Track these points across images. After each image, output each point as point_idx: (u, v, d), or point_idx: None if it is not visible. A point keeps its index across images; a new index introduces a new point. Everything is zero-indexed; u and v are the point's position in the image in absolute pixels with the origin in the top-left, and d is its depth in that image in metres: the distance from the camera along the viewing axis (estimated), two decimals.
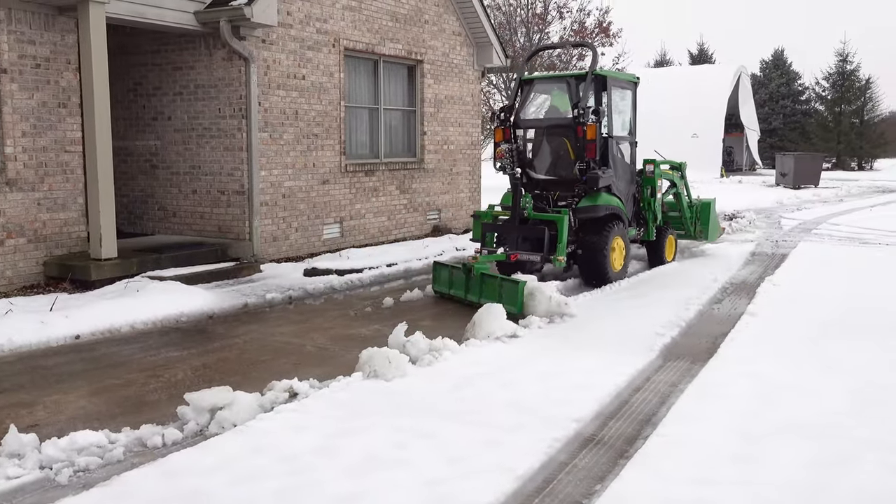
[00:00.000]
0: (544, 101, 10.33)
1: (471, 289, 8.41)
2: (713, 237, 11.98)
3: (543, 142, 9.83)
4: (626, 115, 10.30)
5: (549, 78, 10.91)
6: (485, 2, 17.54)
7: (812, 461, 4.09)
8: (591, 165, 9.16)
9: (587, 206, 9.24)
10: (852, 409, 4.87)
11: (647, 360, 6.05)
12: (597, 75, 9.55)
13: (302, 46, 10.79)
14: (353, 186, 11.85)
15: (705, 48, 59.31)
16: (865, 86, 51.58)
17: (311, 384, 5.35)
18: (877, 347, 6.31)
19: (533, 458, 4.12)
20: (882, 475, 3.92)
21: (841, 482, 3.84)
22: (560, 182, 9.57)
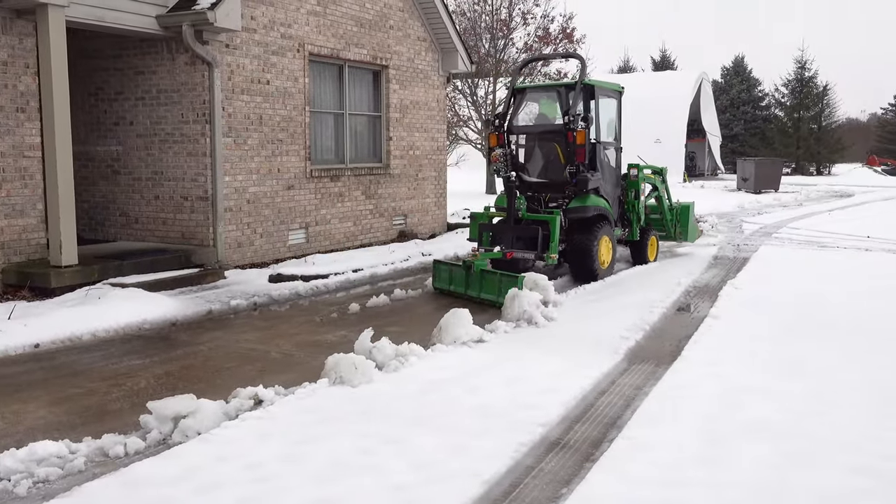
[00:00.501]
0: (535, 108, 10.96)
1: (471, 284, 8.90)
2: (692, 238, 12.58)
3: (535, 147, 10.48)
4: (612, 122, 10.93)
5: (540, 87, 11.48)
6: (450, 7, 17.59)
7: (775, 461, 4.15)
8: (581, 169, 9.76)
9: (577, 207, 9.81)
10: (814, 410, 4.95)
11: (613, 364, 6.10)
12: (585, 84, 10.10)
13: (266, 51, 10.72)
14: (318, 192, 11.79)
15: (668, 55, 60.08)
16: (823, 92, 52.64)
17: (276, 391, 5.31)
18: (836, 348, 6.42)
19: (499, 463, 4.13)
20: (843, 475, 3.99)
21: (803, 482, 3.90)
22: (551, 184, 10.20)
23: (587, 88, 10.20)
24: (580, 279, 9.78)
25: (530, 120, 10.97)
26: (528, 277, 8.14)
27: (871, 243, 13.91)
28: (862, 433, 4.54)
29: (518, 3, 26.91)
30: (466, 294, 8.92)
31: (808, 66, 53.30)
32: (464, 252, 12.00)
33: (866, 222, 17.93)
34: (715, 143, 45.02)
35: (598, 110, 10.36)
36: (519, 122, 10.68)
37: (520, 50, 27.26)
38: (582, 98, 10.06)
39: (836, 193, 31.03)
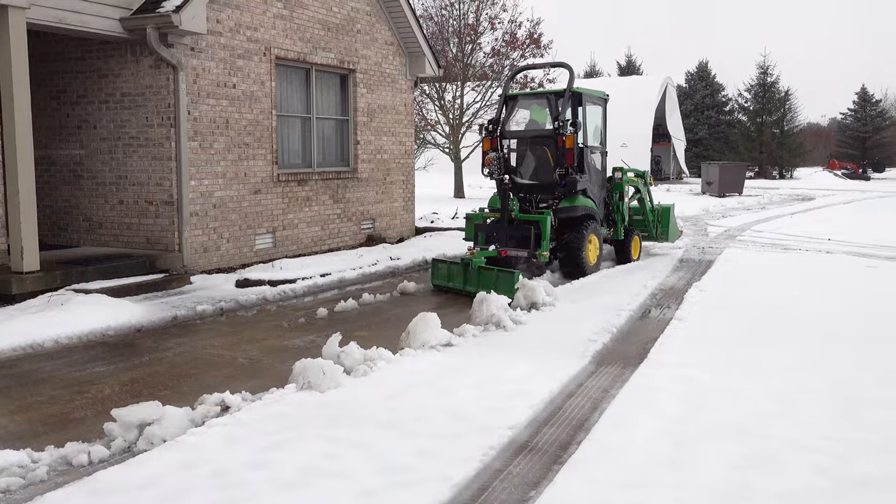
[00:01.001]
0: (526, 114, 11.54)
1: (469, 280, 9.51)
2: (672, 238, 13.16)
3: (527, 150, 11.09)
4: (597, 128, 11.63)
5: (531, 94, 12.11)
6: (417, 12, 17.61)
7: (739, 462, 4.21)
8: (570, 171, 10.37)
9: (566, 208, 10.45)
10: (776, 411, 5.03)
11: (580, 366, 6.14)
12: (573, 92, 10.71)
13: (232, 55, 10.65)
14: (285, 196, 11.73)
15: (633, 60, 60.72)
16: (785, 97, 53.55)
17: (243, 397, 5.27)
18: (798, 349, 6.53)
19: (468, 466, 4.14)
20: (805, 474, 4.06)
21: (766, 482, 3.96)
22: (541, 186, 10.81)
23: (575, 96, 10.79)
24: (569, 275, 10.40)
25: (522, 125, 11.49)
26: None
27: (833, 246, 14.16)
28: (823, 434, 4.62)
29: (485, 8, 27.02)
30: (465, 290, 9.44)
31: (771, 72, 54.24)
32: (431, 255, 12.04)
33: (827, 225, 18.26)
34: (680, 147, 45.54)
35: (586, 116, 11.02)
36: (511, 128, 11.27)
37: (487, 55, 27.36)
38: (570, 105, 10.65)
39: (798, 197, 31.55)
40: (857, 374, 5.85)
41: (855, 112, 62.45)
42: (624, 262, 11.91)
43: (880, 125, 61.42)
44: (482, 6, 26.97)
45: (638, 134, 38.71)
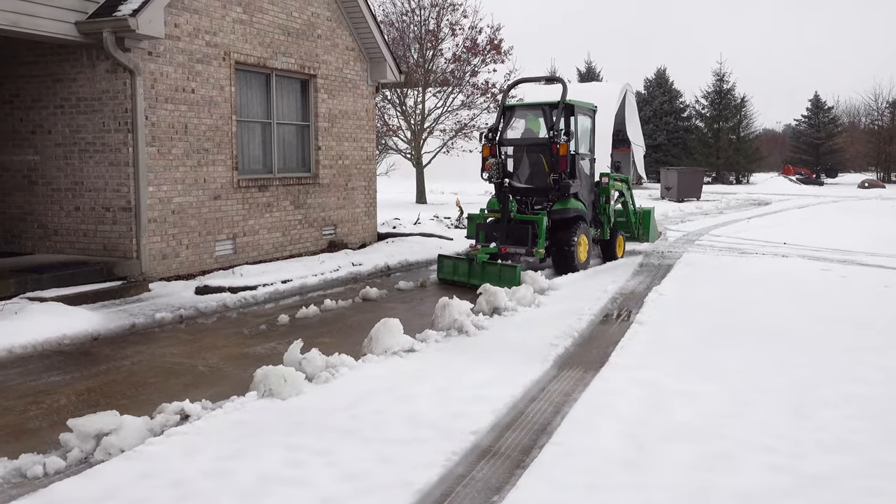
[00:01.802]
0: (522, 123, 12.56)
1: (473, 274, 10.49)
2: (653, 239, 14.22)
3: (523, 157, 11.97)
4: (587, 137, 12.55)
5: (527, 105, 12.99)
6: (378, 18, 17.60)
7: (697, 463, 4.27)
8: (563, 176, 11.30)
9: (559, 209, 11.34)
10: (734, 411, 5.12)
11: (542, 371, 6.18)
12: (566, 104, 11.63)
13: (191, 59, 10.53)
14: (245, 202, 11.62)
15: (593, 66, 61.32)
16: (741, 104, 54.54)
17: (203, 405, 5.21)
18: (755, 351, 6.65)
19: (431, 472, 4.14)
20: (761, 474, 4.13)
21: (724, 482, 4.03)
22: (536, 190, 11.73)
23: (568, 107, 11.71)
24: (561, 271, 11.23)
25: (518, 133, 12.49)
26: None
27: (788, 249, 14.43)
28: (779, 433, 4.71)
29: (446, 14, 27.09)
30: (469, 283, 10.34)
31: (727, 79, 55.19)
32: (394, 262, 12.06)
33: (783, 229, 18.62)
34: (639, 152, 46.07)
35: (577, 126, 11.94)
36: (508, 136, 12.21)
37: (448, 61, 27.43)
38: (563, 115, 11.59)
39: (754, 201, 32.11)
40: (810, 373, 5.97)
41: (808, 119, 63.75)
42: (610, 260, 12.84)
43: (832, 131, 62.80)
44: (443, 12, 27.05)
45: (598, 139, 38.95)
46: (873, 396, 5.43)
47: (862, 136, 63.52)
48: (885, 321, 7.98)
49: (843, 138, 63.68)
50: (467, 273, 10.62)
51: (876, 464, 4.26)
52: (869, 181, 48.43)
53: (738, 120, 54.56)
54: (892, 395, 5.46)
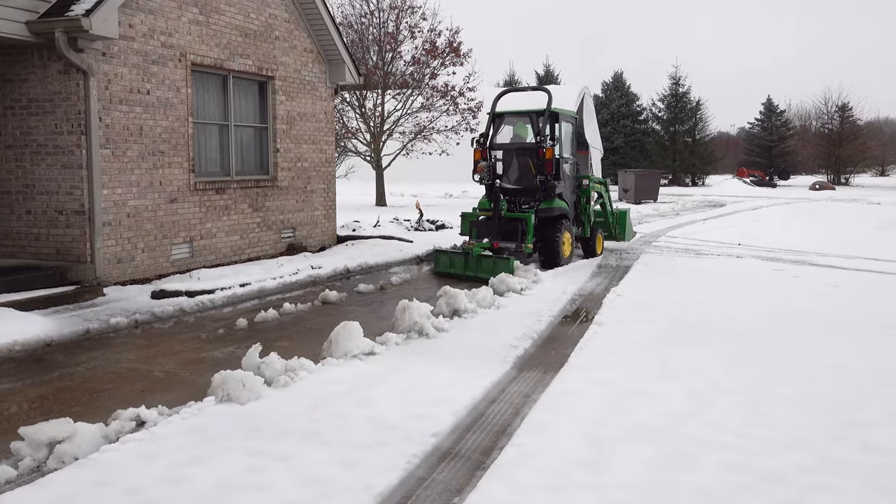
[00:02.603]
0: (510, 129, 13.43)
1: (469, 267, 11.41)
2: (628, 238, 15.13)
3: (512, 160, 12.88)
4: (569, 142, 13.47)
5: (516, 113, 13.52)
6: (336, 20, 17.52)
7: (655, 462, 4.32)
8: (549, 178, 12.22)
9: (545, 208, 12.27)
10: (691, 411, 5.19)
11: (502, 372, 6.21)
12: (552, 112, 12.52)
13: (146, 60, 10.38)
14: (203, 205, 11.49)
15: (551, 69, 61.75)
16: (696, 107, 55.39)
17: (159, 411, 5.14)
18: (711, 351, 6.76)
19: (392, 475, 4.13)
20: (718, 472, 4.20)
21: (682, 481, 4.08)
22: (524, 190, 12.64)
23: (553, 115, 12.63)
24: (547, 265, 12.11)
25: (507, 139, 13.38)
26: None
27: (742, 250, 14.69)
28: (735, 432, 4.80)
29: (405, 16, 27.08)
30: (465, 274, 11.34)
31: (682, 83, 56.01)
32: (353, 265, 12.04)
33: (737, 230, 18.95)
34: (597, 155, 46.44)
35: (561, 132, 12.89)
36: (498, 141, 13.09)
37: (407, 63, 27.42)
38: (549, 122, 12.50)
39: (709, 203, 32.61)
40: (765, 372, 6.09)
41: (761, 122, 64.97)
42: (590, 256, 13.75)
43: (785, 134, 64.09)
44: (402, 15, 27.03)
45: None
46: (825, 394, 5.56)
47: (813, 139, 64.94)
48: (836, 320, 8.17)
49: (795, 141, 65.06)
50: (463, 266, 11.54)
51: (827, 460, 4.36)
52: (820, 183, 49.52)
53: (694, 123, 55.44)
54: (842, 394, 5.59)
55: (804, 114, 73.25)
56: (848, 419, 5.03)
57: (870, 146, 62.96)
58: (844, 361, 6.45)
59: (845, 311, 8.68)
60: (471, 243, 11.82)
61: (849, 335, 7.45)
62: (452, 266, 11.76)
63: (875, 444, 4.58)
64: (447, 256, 11.99)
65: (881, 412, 5.17)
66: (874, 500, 3.86)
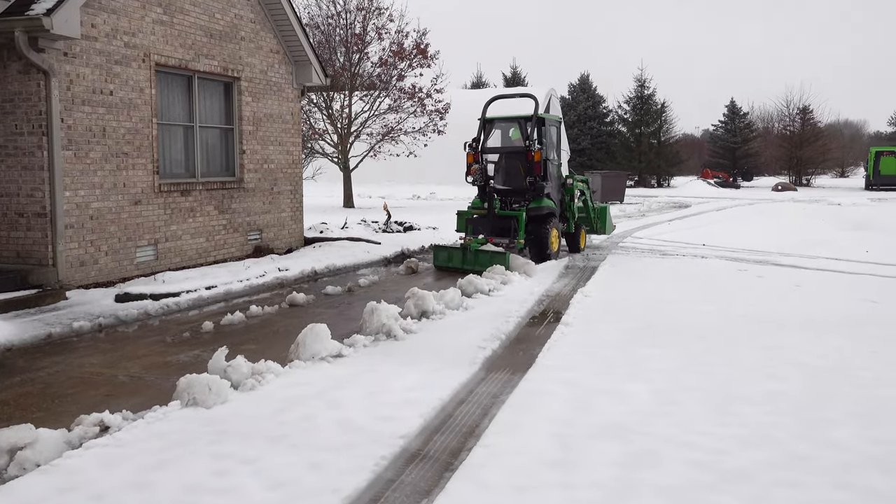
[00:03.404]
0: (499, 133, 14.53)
1: (467, 260, 12.20)
2: (608, 231, 16.25)
3: (503, 163, 13.71)
4: (555, 144, 14.34)
5: (505, 118, 14.37)
6: (303, 21, 17.43)
7: (623, 461, 4.35)
8: (537, 179, 13.08)
9: (535, 207, 13.14)
10: (657, 410, 5.24)
11: (471, 373, 6.21)
12: (539, 117, 13.34)
13: (109, 60, 10.24)
14: (167, 207, 11.36)
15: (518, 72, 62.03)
16: (661, 109, 55.97)
17: (124, 416, 5.07)
18: (678, 351, 6.82)
19: (359, 478, 4.12)
20: (684, 470, 4.24)
21: (649, 479, 4.12)
22: (514, 191, 13.47)
23: (540, 120, 13.42)
24: (537, 259, 12.75)
25: (497, 142, 14.40)
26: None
27: (707, 251, 14.86)
28: (700, 430, 4.85)
29: (372, 18, 27.03)
30: (463, 267, 12.03)
31: (647, 85, 56.56)
32: (321, 267, 11.99)
33: (702, 231, 19.16)
34: (564, 157, 46.74)
35: (548, 136, 13.76)
36: (489, 145, 13.96)
37: (374, 64, 27.37)
38: (536, 127, 13.27)
39: (675, 204, 32.96)
40: (730, 371, 6.17)
41: (725, 124, 65.81)
42: (574, 251, 14.78)
43: (748, 136, 64.99)
44: (369, 16, 26.98)
45: None
46: (789, 392, 5.64)
47: (775, 140, 65.90)
48: (800, 319, 8.29)
49: (758, 143, 66.01)
50: (461, 260, 12.34)
51: (792, 457, 4.42)
52: (782, 184, 50.30)
53: (659, 125, 56.01)
54: (807, 391, 5.68)
55: (766, 116, 74.40)
56: (812, 417, 5.11)
57: (830, 148, 64.08)
58: (808, 360, 6.55)
59: (808, 311, 8.82)
60: (468, 239, 12.58)
61: (812, 334, 7.57)
62: (451, 260, 12.52)
63: (839, 441, 4.66)
64: (446, 251, 12.73)
65: (844, 410, 5.25)
66: (838, 497, 3.92)
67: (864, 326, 7.99)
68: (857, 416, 5.14)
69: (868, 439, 4.70)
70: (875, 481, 4.10)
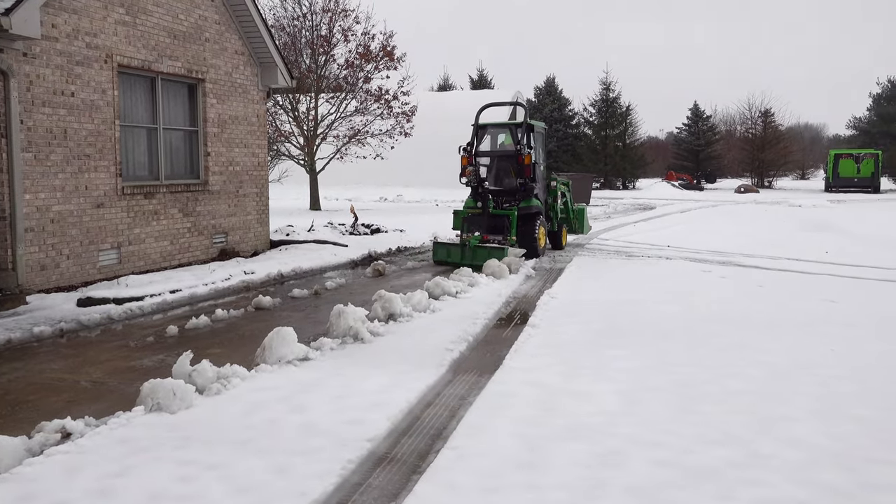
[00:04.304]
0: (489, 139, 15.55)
1: (465, 256, 13.14)
2: (585, 231, 17.34)
3: (494, 165, 14.88)
4: (540, 149, 15.33)
5: (497, 125, 15.70)
6: (269, 22, 17.32)
7: (590, 461, 4.39)
8: (527, 181, 14.14)
9: (525, 207, 14.12)
10: (623, 410, 5.29)
11: (438, 376, 6.21)
12: (528, 124, 14.54)
13: (70, 61, 10.09)
14: (131, 210, 11.21)
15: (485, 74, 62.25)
16: (626, 112, 56.52)
17: (86, 422, 4.99)
18: (643, 351, 6.89)
19: (326, 482, 4.10)
20: (649, 469, 4.28)
21: (615, 479, 4.15)
22: (505, 191, 14.50)
23: (528, 126, 14.56)
24: (527, 255, 13.38)
25: (489, 147, 15.45)
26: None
27: (671, 252, 15.03)
28: (665, 429, 4.90)
29: (338, 20, 26.94)
30: (462, 263, 12.77)
31: (613, 88, 57.07)
32: (287, 270, 11.93)
33: (667, 233, 19.37)
34: None
35: (536, 141, 14.82)
36: (481, 149, 14.98)
37: (341, 66, 27.29)
38: (525, 133, 14.41)
39: (640, 206, 33.28)
40: (694, 371, 6.24)
41: (689, 127, 66.62)
42: (557, 248, 15.77)
43: (711, 139, 65.85)
44: (335, 18, 26.90)
45: None
46: (752, 391, 5.73)
47: (737, 143, 66.87)
48: (762, 319, 8.42)
49: (721, 146, 66.92)
50: (460, 255, 13.25)
51: (755, 455, 4.49)
52: (744, 186, 51.04)
53: (624, 127, 56.56)
54: (769, 390, 5.77)
55: (729, 119, 75.45)
56: (774, 415, 5.19)
57: (791, 150, 65.21)
58: (770, 359, 6.65)
59: (770, 310, 8.96)
60: (467, 236, 13.47)
61: (774, 333, 7.69)
62: (450, 256, 13.46)
63: (800, 439, 4.74)
64: (445, 248, 13.70)
65: (805, 408, 5.34)
66: (799, 493, 3.99)
67: (824, 325, 8.14)
68: (816, 413, 5.24)
69: (827, 435, 4.79)
70: (834, 478, 4.18)
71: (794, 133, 73.53)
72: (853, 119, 72.98)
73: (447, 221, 16.46)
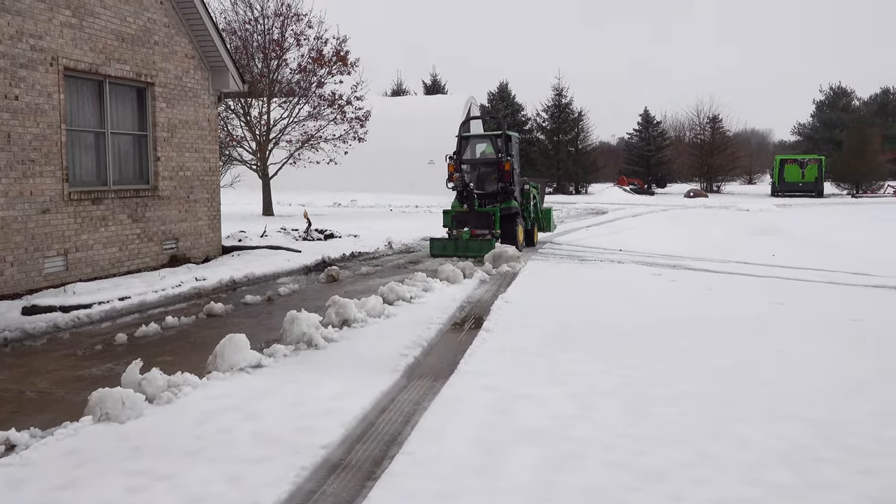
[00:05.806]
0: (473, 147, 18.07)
1: (459, 248, 15.32)
2: (552, 229, 19.28)
3: (478, 171, 17.07)
4: (517, 156, 17.54)
5: (479, 136, 18.50)
6: (220, 26, 17.13)
7: (543, 465, 4.42)
8: (507, 185, 16.32)
9: (506, 207, 16.18)
10: (577, 413, 5.33)
11: (393, 381, 6.20)
12: (507, 134, 16.88)
13: (13, 64, 9.85)
14: (78, 216, 10.97)
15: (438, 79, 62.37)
16: (578, 118, 57.15)
17: (31, 433, 4.87)
18: (596, 354, 6.96)
19: (280, 490, 4.06)
20: (603, 471, 4.33)
21: (569, 482, 4.19)
22: (487, 194, 16.60)
23: (506, 136, 16.87)
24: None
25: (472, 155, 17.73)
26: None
27: (623, 256, 15.23)
28: (618, 432, 4.95)
29: (290, 24, 26.77)
30: (457, 254, 15.13)
31: (565, 94, 57.67)
32: (239, 276, 11.80)
33: (618, 237, 19.63)
34: None
35: (514, 149, 17.13)
36: (465, 157, 17.17)
37: (293, 71, 27.12)
38: (504, 142, 16.70)
39: (592, 211, 33.66)
40: (646, 374, 6.33)
41: (640, 132, 67.63)
42: (530, 245, 17.42)
43: (661, 144, 66.95)
44: (287, 22, 26.73)
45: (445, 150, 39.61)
46: (702, 393, 5.82)
47: (687, 149, 68.11)
48: (711, 322, 8.57)
49: (671, 151, 68.08)
50: (454, 248, 15.38)
51: (705, 456, 4.56)
52: (694, 191, 51.96)
53: (577, 133, 57.18)
54: (719, 392, 5.87)
55: (678, 125, 76.77)
56: (723, 416, 5.28)
57: (739, 156, 66.62)
58: (719, 361, 6.77)
59: (719, 313, 9.13)
60: (459, 232, 15.59)
61: (723, 335, 7.83)
62: (445, 249, 15.49)
63: (748, 439, 4.83)
64: (440, 242, 15.77)
65: (752, 409, 5.45)
66: (749, 493, 4.06)
67: (771, 327, 8.31)
68: (764, 413, 5.34)
69: (774, 435, 4.89)
70: (782, 477, 4.26)
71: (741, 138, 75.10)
72: (798, 125, 74.90)
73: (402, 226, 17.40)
